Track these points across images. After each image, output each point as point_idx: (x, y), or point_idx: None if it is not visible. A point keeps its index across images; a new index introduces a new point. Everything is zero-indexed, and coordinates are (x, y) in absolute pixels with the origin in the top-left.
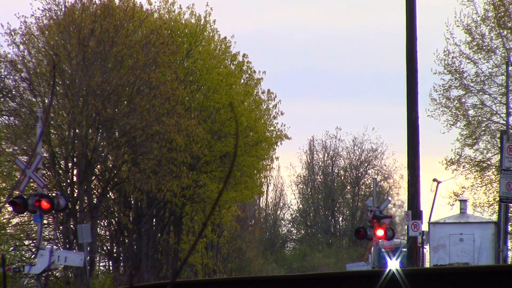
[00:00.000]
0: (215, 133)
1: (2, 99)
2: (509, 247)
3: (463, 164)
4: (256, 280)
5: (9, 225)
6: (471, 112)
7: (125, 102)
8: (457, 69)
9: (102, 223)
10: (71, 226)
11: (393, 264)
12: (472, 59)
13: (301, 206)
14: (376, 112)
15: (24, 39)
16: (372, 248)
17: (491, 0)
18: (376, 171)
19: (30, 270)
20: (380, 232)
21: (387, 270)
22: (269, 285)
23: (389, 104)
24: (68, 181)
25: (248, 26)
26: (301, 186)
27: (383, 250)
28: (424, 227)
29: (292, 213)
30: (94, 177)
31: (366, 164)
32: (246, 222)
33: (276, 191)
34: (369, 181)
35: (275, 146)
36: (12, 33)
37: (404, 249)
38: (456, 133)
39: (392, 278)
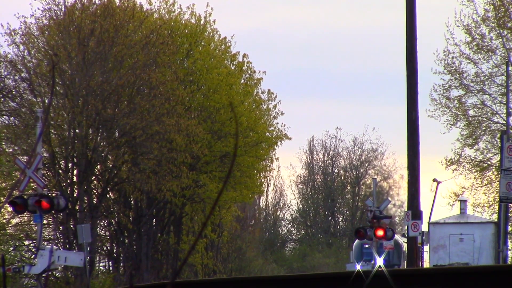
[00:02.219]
0: (215, 133)
1: (2, 99)
2: (509, 247)
3: (463, 164)
4: (256, 280)
5: (9, 225)
6: (471, 112)
7: (125, 102)
8: (457, 69)
9: (102, 223)
10: (71, 226)
11: (377, 262)
12: (472, 59)
13: (301, 206)
14: (376, 112)
15: (24, 39)
16: (354, 245)
17: (491, 0)
18: (376, 171)
19: (30, 270)
20: (380, 232)
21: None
22: (269, 285)
23: (389, 104)
24: (68, 181)
25: (248, 26)
26: (301, 186)
27: (365, 246)
28: (424, 227)
29: (292, 213)
30: (94, 177)
31: (366, 164)
32: (246, 222)
33: (276, 191)
34: (369, 181)
35: (275, 147)
36: (12, 33)
37: None
38: (456, 133)
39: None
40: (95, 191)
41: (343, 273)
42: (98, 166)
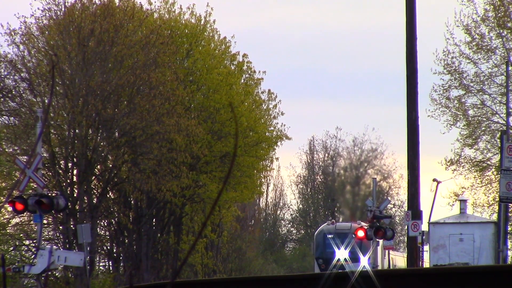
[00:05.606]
0: (215, 133)
1: (2, 99)
2: (509, 247)
3: (463, 164)
4: (256, 280)
5: (9, 225)
6: (471, 112)
7: (125, 102)
8: (457, 69)
9: (102, 223)
10: (71, 226)
11: (341, 254)
12: (472, 59)
13: (301, 206)
14: (376, 112)
15: (24, 39)
16: (315, 235)
17: (491, 0)
18: (376, 171)
19: (30, 270)
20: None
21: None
22: (269, 285)
23: (389, 104)
24: (68, 181)
25: (248, 26)
26: (301, 186)
27: (328, 236)
28: (424, 227)
29: (292, 213)
30: (94, 177)
31: (366, 164)
32: (246, 222)
33: (276, 191)
34: (369, 181)
35: (275, 147)
36: (12, 33)
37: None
38: (456, 133)
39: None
40: (95, 191)
41: (343, 273)
42: (98, 166)
